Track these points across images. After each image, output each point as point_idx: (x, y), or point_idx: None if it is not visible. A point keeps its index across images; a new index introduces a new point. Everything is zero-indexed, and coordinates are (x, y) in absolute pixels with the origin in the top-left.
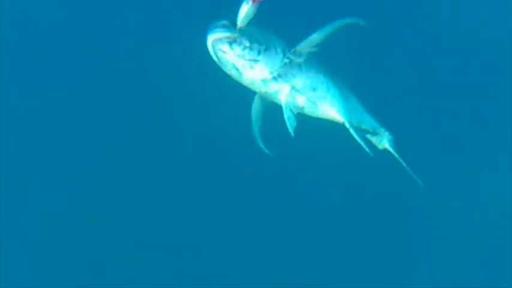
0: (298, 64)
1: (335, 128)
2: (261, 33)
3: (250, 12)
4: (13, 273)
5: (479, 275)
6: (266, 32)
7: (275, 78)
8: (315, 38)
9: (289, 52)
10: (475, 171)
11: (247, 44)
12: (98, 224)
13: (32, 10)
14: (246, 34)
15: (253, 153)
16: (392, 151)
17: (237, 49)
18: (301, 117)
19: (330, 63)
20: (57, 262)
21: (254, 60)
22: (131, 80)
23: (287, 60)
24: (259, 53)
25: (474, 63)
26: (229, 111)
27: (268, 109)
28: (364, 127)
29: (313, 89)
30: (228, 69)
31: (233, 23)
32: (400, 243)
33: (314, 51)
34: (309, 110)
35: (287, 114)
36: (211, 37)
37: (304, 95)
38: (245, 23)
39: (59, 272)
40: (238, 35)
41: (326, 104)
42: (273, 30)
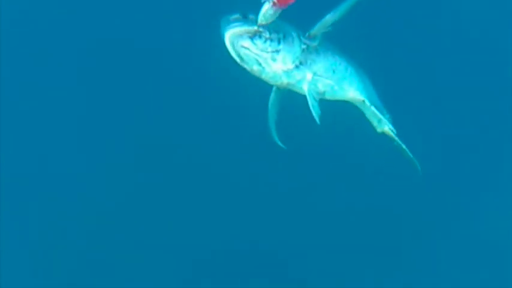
0: (314, 48)
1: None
2: (273, 20)
3: (271, 13)
4: (13, 273)
5: (479, 275)
6: (276, 19)
7: (297, 66)
8: (329, 19)
9: (304, 37)
10: (475, 171)
11: (267, 35)
12: (98, 224)
13: (32, 10)
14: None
15: (262, 147)
16: (392, 134)
17: (259, 42)
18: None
19: (339, 42)
20: (57, 262)
21: (276, 51)
22: (131, 80)
23: (304, 45)
24: (279, 43)
25: (478, 58)
26: (239, 105)
27: (283, 102)
28: (374, 105)
29: (333, 71)
30: (250, 65)
31: (245, 15)
32: (400, 243)
33: (328, 30)
34: (330, 94)
35: (311, 102)
36: (229, 33)
37: (325, 79)
38: (265, 22)
39: (59, 272)
40: (257, 27)
41: (346, 84)
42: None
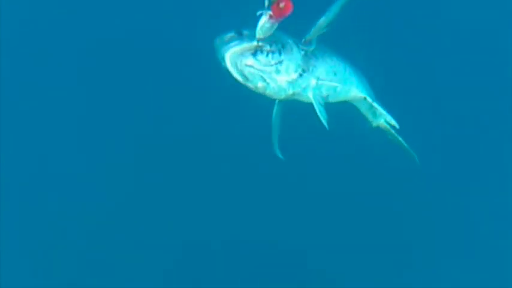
0: (312, 53)
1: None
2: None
3: (268, 26)
4: (13, 273)
5: (479, 275)
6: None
7: (301, 74)
8: (323, 21)
9: (300, 43)
10: (475, 171)
11: (268, 48)
12: (98, 224)
13: (32, 10)
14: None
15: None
16: (387, 126)
17: (261, 57)
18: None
19: (332, 44)
20: (57, 262)
21: (279, 62)
22: (132, 80)
23: (303, 51)
24: (280, 53)
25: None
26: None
27: (285, 115)
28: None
29: (334, 74)
30: (255, 83)
31: (240, 32)
32: (401, 243)
33: (323, 32)
34: (333, 96)
35: (318, 108)
36: (229, 54)
37: (329, 82)
38: (264, 36)
39: (59, 272)
40: (257, 42)
41: (347, 84)
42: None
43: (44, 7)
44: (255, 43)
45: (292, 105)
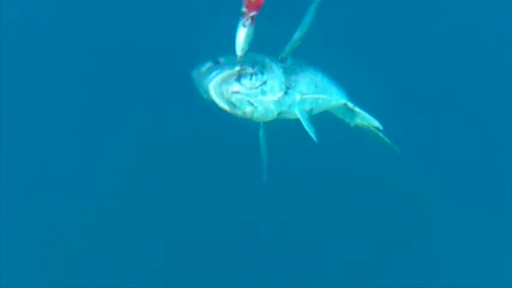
0: (290, 69)
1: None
2: (246, 54)
3: (249, 34)
4: (13, 273)
5: (479, 275)
6: (247, 52)
7: (285, 92)
8: (297, 36)
9: (277, 61)
10: (475, 171)
11: (250, 71)
12: (98, 224)
13: (32, 10)
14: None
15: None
16: (365, 123)
17: (246, 82)
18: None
19: (303, 56)
20: (57, 262)
21: (264, 82)
22: (132, 80)
23: (282, 68)
24: (262, 73)
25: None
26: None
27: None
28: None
29: (315, 86)
30: (242, 109)
31: (216, 61)
32: (400, 243)
33: (296, 46)
34: (316, 109)
35: (306, 123)
36: (213, 84)
37: (312, 95)
38: (246, 49)
39: (59, 272)
40: (240, 66)
41: (328, 94)
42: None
43: (44, 7)
44: (237, 68)
45: (276, 124)
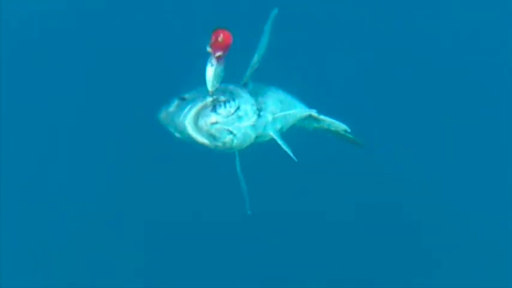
0: (254, 92)
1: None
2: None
3: (218, 71)
4: (13, 273)
5: (479, 275)
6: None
7: (258, 115)
8: (256, 59)
9: (241, 86)
10: (475, 171)
11: (222, 99)
12: (98, 224)
13: (32, 11)
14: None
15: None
16: (332, 128)
17: (221, 110)
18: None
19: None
20: (57, 262)
21: (238, 108)
22: (131, 80)
23: (248, 93)
24: (234, 99)
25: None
26: None
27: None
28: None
29: (281, 103)
30: (222, 139)
31: (182, 98)
32: (400, 243)
33: (256, 68)
34: (286, 126)
35: (282, 142)
36: (188, 120)
37: (281, 113)
38: (217, 86)
39: (59, 272)
40: (212, 96)
41: (293, 108)
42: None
43: (44, 7)
44: (209, 98)
45: (248, 151)
